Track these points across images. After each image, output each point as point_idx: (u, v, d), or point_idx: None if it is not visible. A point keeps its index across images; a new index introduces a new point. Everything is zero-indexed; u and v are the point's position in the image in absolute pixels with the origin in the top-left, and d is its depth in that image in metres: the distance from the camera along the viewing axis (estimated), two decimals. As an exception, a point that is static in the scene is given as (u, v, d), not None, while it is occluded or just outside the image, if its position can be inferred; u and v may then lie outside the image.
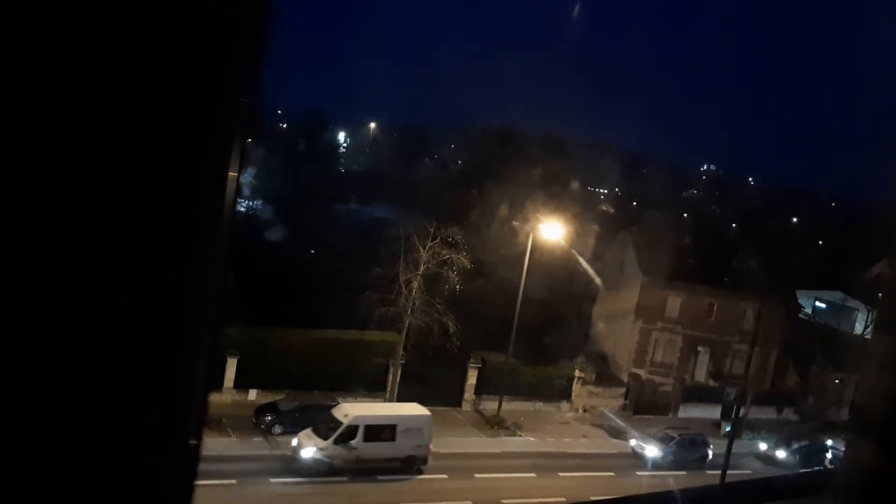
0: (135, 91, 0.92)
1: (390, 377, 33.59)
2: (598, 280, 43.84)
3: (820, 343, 44.37)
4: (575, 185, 51.19)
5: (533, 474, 30.66)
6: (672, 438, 34.27)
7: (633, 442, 34.39)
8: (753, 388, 39.12)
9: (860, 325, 45.12)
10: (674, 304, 43.24)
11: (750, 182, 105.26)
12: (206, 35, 0.95)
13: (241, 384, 31.42)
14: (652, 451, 33.57)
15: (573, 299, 42.47)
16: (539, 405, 37.83)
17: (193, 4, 0.94)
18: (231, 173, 0.99)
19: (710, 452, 34.57)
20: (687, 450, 34.31)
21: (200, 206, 0.97)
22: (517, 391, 36.67)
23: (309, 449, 27.14)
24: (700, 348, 43.85)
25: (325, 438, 27.23)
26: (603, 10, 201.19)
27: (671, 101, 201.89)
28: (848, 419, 36.93)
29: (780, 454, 34.40)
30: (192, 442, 1.06)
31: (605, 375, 41.04)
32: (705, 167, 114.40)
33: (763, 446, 36.53)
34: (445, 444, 31.88)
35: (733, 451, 34.54)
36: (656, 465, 33.04)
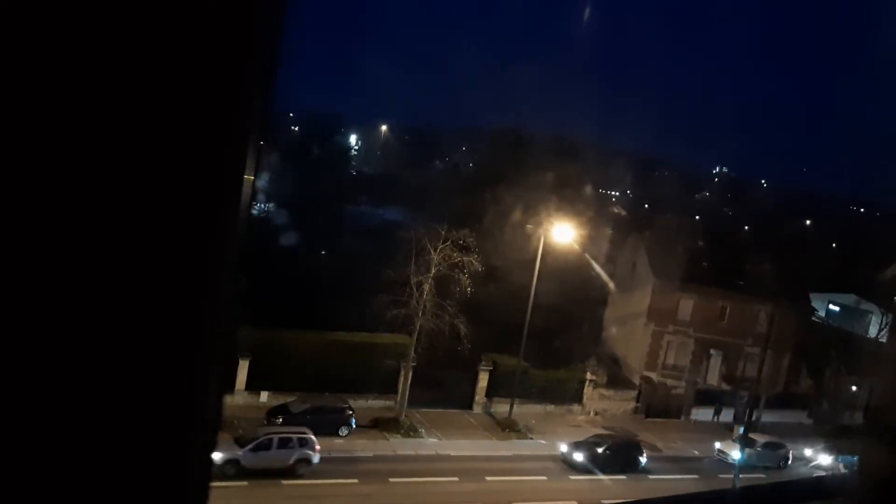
0: (151, 95, 0.93)
1: (401, 379, 33.61)
2: (609, 283, 43.74)
3: (833, 346, 44.05)
4: (587, 187, 51.12)
5: (544, 477, 30.62)
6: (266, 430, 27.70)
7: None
8: (766, 392, 38.88)
9: (874, 328, 44.80)
10: (686, 306, 43.04)
11: (763, 184, 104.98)
12: (221, 38, 0.96)
13: (253, 386, 31.53)
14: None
15: (585, 302, 42.36)
16: (550, 408, 37.75)
17: (209, 8, 0.95)
18: (247, 177, 1.00)
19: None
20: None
21: (216, 209, 0.98)
22: (528, 394, 36.57)
23: None
24: (712, 351, 43.62)
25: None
26: (615, 12, 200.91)
27: (684, 104, 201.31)
28: (863, 423, 36.61)
29: (578, 457, 32.25)
30: (208, 445, 1.06)
31: (616, 378, 40.91)
32: (718, 169, 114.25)
33: (564, 448, 32.92)
34: (456, 446, 31.89)
35: (531, 453, 33.47)
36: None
